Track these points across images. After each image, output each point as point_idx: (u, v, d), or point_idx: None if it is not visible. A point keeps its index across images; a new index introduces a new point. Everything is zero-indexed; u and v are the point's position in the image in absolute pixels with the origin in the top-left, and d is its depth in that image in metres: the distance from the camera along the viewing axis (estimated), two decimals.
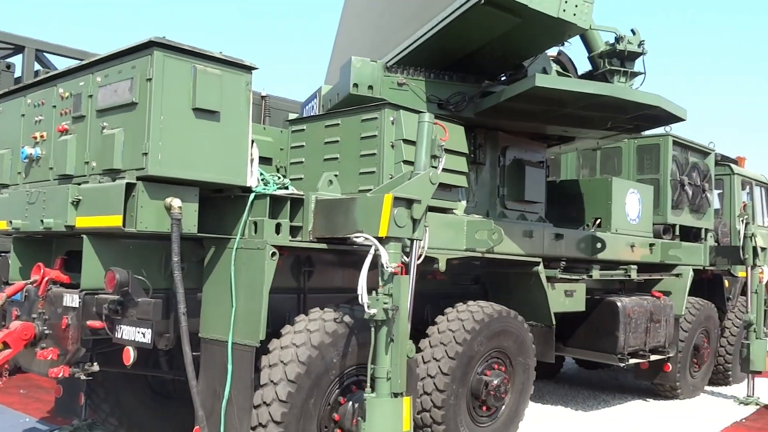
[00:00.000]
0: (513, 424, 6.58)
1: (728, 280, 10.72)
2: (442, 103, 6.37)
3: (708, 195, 10.15)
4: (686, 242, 9.56)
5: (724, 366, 10.58)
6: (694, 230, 10.00)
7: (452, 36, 5.94)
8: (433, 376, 5.84)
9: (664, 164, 9.33)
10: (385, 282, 4.45)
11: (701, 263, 9.79)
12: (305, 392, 4.66)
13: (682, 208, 9.56)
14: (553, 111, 6.49)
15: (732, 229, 11.10)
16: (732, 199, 11.23)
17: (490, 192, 6.95)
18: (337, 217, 4.81)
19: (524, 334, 6.63)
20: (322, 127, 6.12)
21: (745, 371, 9.67)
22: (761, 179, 12.27)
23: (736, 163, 11.64)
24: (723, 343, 10.55)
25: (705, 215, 10.11)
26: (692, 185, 9.73)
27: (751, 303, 9.60)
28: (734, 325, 10.61)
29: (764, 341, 9.65)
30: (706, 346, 9.95)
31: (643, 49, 6.71)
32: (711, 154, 10.36)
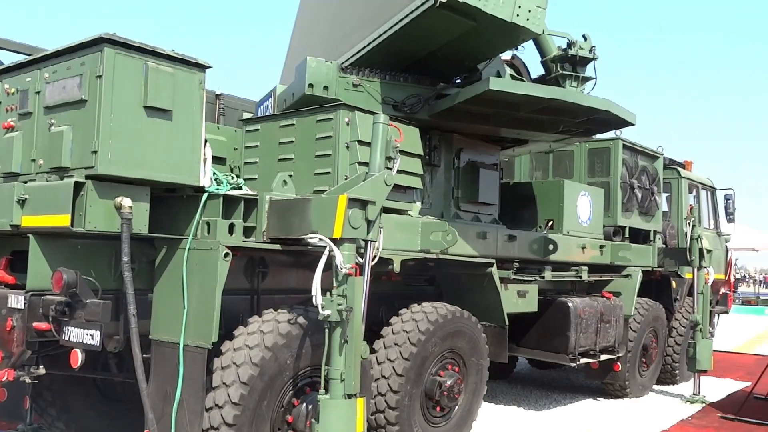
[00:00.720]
0: (466, 424, 6.64)
1: (675, 281, 10.98)
2: (397, 104, 6.39)
3: (656, 198, 10.38)
4: (635, 244, 9.76)
5: (671, 365, 10.84)
6: (642, 232, 10.21)
7: (408, 38, 5.97)
8: (387, 376, 5.85)
9: (615, 168, 9.51)
10: (339, 283, 4.44)
11: (650, 265, 10.02)
12: (258, 394, 4.62)
13: (631, 210, 9.76)
14: (506, 114, 6.57)
15: (679, 232, 11.37)
16: (679, 202, 11.50)
17: (445, 194, 7.00)
18: (291, 218, 4.79)
19: (478, 334, 6.69)
20: (276, 127, 6.09)
21: (692, 370, 9.91)
22: (707, 183, 12.61)
23: (683, 167, 11.94)
24: (670, 343, 10.81)
25: (653, 218, 10.33)
26: (641, 188, 9.94)
27: (697, 303, 9.85)
28: (681, 325, 10.86)
29: (710, 341, 9.91)
30: (654, 345, 10.18)
31: (594, 55, 6.83)
32: (659, 158, 10.60)
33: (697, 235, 9.77)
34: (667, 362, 10.80)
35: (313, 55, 6.22)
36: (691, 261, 9.78)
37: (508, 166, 10.38)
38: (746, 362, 13.65)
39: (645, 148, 10.20)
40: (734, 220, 12.77)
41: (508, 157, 9.82)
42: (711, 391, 10.26)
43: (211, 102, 8.45)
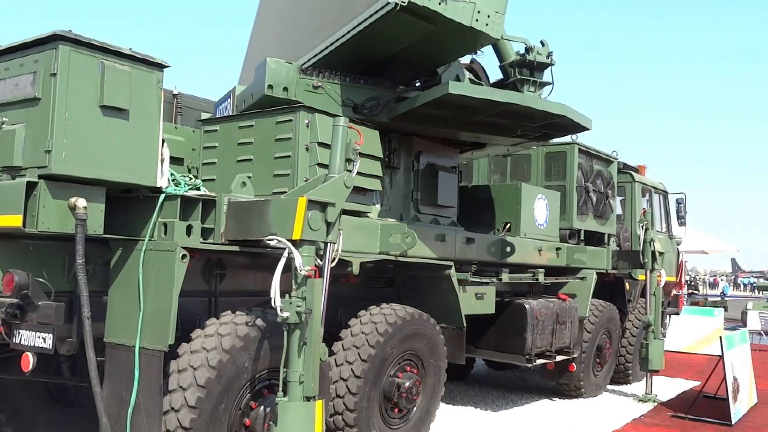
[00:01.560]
0: (424, 425, 6.66)
1: (629, 283, 11.19)
2: (357, 107, 6.40)
3: (611, 201, 10.57)
4: (590, 247, 9.90)
5: (624, 365, 11.04)
6: (597, 235, 10.38)
7: (368, 41, 5.98)
8: (345, 379, 5.84)
9: (571, 171, 9.66)
10: (298, 285, 4.42)
11: (604, 267, 10.18)
12: (215, 397, 4.57)
13: (586, 213, 9.91)
14: (465, 117, 6.62)
15: (633, 235, 11.60)
16: (633, 206, 11.74)
17: (404, 196, 7.03)
18: (250, 220, 4.75)
19: (436, 336, 6.72)
20: (235, 128, 6.03)
21: (644, 370, 10.12)
22: (660, 187, 12.88)
23: (637, 171, 12.17)
24: (624, 344, 11.01)
25: (608, 221, 10.52)
26: (596, 192, 10.11)
27: (649, 305, 10.07)
28: (634, 326, 11.08)
29: (662, 341, 10.14)
30: (608, 346, 10.36)
31: (552, 60, 6.92)
32: (614, 162, 10.80)
33: (649, 238, 9.98)
34: (621, 362, 11.00)
35: (272, 56, 6.18)
36: (644, 263, 9.98)
37: (466, 169, 10.46)
38: (696, 362, 13.96)
39: (600, 153, 10.38)
40: (685, 224, 13.07)
41: (467, 160, 9.91)
42: (663, 391, 10.49)
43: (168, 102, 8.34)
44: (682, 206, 12.93)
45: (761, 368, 13.24)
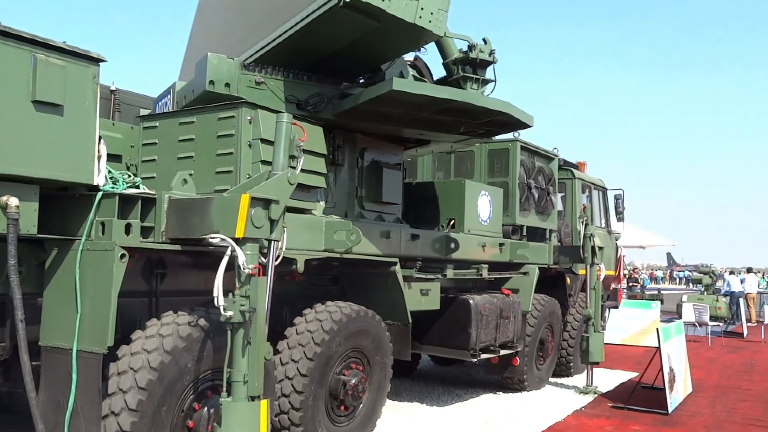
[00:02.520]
0: (371, 422, 6.66)
1: (570, 277, 11.41)
2: (301, 103, 6.34)
3: (552, 197, 10.74)
4: (532, 242, 10.06)
5: (566, 358, 11.24)
6: (539, 231, 10.54)
7: (311, 37, 5.92)
8: (291, 377, 5.79)
9: (513, 168, 9.78)
10: (242, 284, 4.35)
11: (546, 262, 10.35)
12: (157, 400, 4.47)
13: (528, 209, 10.06)
14: (409, 114, 6.63)
15: (573, 230, 11.83)
16: (573, 202, 11.97)
17: (349, 193, 7.01)
18: (191, 218, 4.65)
19: (382, 333, 6.72)
20: (176, 124, 5.91)
21: (585, 362, 10.33)
22: (599, 183, 13.16)
23: (577, 168, 12.42)
24: (565, 337, 11.20)
25: (549, 217, 10.69)
26: (538, 188, 10.26)
27: (590, 299, 10.28)
28: (575, 319, 11.29)
29: (601, 334, 10.36)
30: (550, 340, 10.54)
31: (494, 58, 6.98)
32: (555, 159, 10.98)
33: (589, 234, 10.18)
34: (563, 355, 11.19)
35: (214, 51, 6.07)
36: (584, 258, 10.18)
37: (411, 166, 10.49)
38: (635, 353, 14.33)
39: (541, 150, 10.54)
40: (623, 219, 13.37)
41: (411, 157, 9.92)
42: (603, 382, 10.72)
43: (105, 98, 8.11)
44: (620, 202, 13.21)
45: (695, 358, 13.70)
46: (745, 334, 19.67)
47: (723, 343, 17.64)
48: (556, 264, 10.66)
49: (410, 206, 8.22)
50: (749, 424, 8.33)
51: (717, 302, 21.37)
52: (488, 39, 6.97)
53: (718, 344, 17.42)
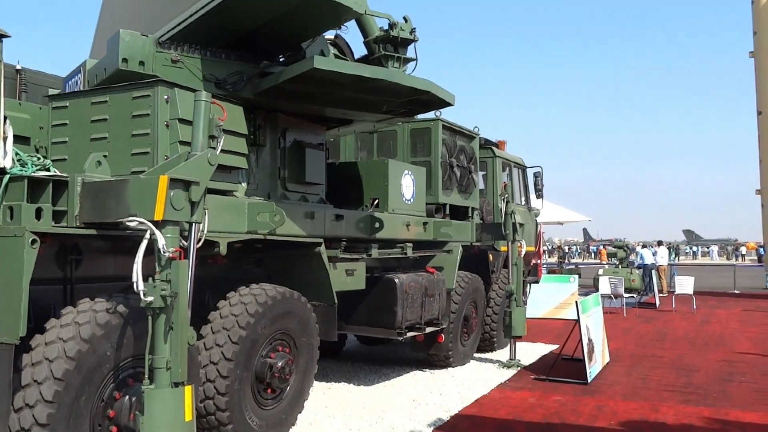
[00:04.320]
0: (298, 404, 6.64)
1: (492, 254, 11.63)
2: (220, 82, 6.19)
3: (474, 176, 10.89)
4: (455, 220, 10.18)
5: (490, 333, 11.47)
6: (462, 209, 10.68)
7: (228, 14, 5.77)
8: (216, 362, 5.70)
9: (435, 147, 9.84)
10: (162, 268, 4.22)
11: (469, 240, 10.50)
12: (75, 390, 4.32)
13: (451, 188, 10.16)
14: (331, 93, 6.57)
15: (494, 208, 12.05)
16: (494, 180, 12.17)
17: (271, 174, 6.91)
18: (107, 201, 4.48)
19: (308, 314, 6.69)
20: (88, 104, 5.67)
21: (508, 337, 10.58)
22: (519, 161, 13.43)
23: (497, 147, 12.62)
24: (488, 313, 11.43)
25: (471, 195, 10.84)
26: (460, 167, 10.37)
27: (511, 274, 10.52)
28: (498, 295, 11.54)
29: (523, 309, 10.62)
30: (474, 316, 10.74)
31: (415, 37, 6.98)
32: (476, 138, 11.11)
33: (510, 211, 10.39)
34: (486, 331, 11.42)
35: (126, 27, 5.84)
36: (506, 235, 10.40)
37: (334, 146, 10.42)
38: (555, 326, 14.78)
39: (463, 129, 10.64)
40: (542, 196, 13.67)
41: (334, 137, 9.86)
42: (525, 356, 11.03)
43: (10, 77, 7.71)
44: (539, 179, 13.48)
45: (612, 329, 14.25)
46: (658, 304, 20.56)
47: (637, 314, 18.40)
48: (478, 241, 10.84)
49: (334, 187, 8.18)
50: (663, 390, 8.72)
51: (631, 275, 22.24)
52: (409, 17, 6.96)
53: (632, 315, 18.15)
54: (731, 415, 7.46)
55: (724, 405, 7.94)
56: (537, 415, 7.39)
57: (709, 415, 7.49)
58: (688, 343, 12.98)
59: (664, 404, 7.94)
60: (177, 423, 4.17)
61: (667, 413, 7.54)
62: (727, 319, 17.22)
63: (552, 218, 24.88)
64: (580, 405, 7.87)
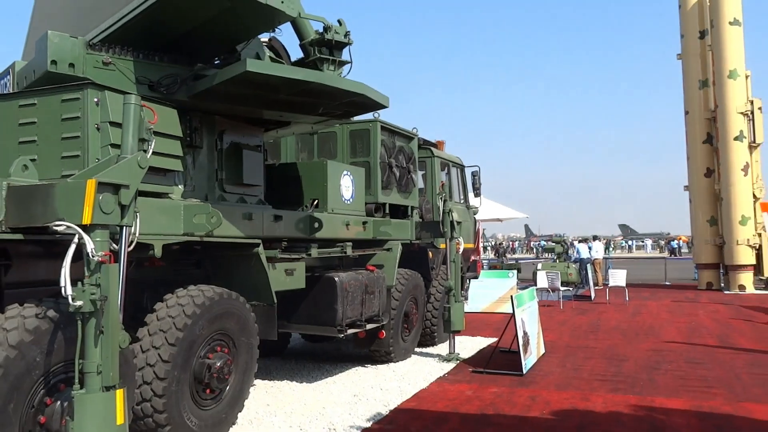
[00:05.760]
0: (238, 403, 6.57)
1: (431, 251, 11.69)
2: (153, 84, 6.08)
3: (413, 176, 10.93)
4: (395, 219, 10.23)
5: (430, 329, 11.54)
6: (401, 208, 10.72)
7: (161, 15, 5.68)
8: (152, 364, 5.59)
9: (374, 148, 9.85)
10: (91, 272, 4.12)
11: (408, 238, 10.56)
12: (3, 397, 4.18)
13: (390, 188, 10.19)
14: (267, 96, 6.52)
15: (433, 206, 12.12)
16: (433, 179, 12.24)
17: (209, 176, 6.82)
18: (34, 205, 4.36)
19: (246, 314, 6.62)
20: (15, 106, 5.50)
21: (447, 331, 10.65)
22: (457, 161, 13.54)
23: (436, 147, 12.70)
24: (429, 308, 11.49)
25: (410, 194, 10.88)
26: (399, 167, 10.40)
27: (450, 271, 10.61)
28: (438, 291, 11.60)
29: (462, 304, 10.72)
30: (414, 312, 10.79)
31: (349, 40, 6.97)
32: (414, 138, 11.15)
33: (448, 209, 10.47)
34: (427, 326, 11.48)
35: (57, 29, 5.68)
36: (444, 233, 10.47)
37: (274, 147, 10.35)
38: (495, 320, 14.95)
39: (401, 130, 10.67)
40: (480, 194, 13.83)
41: (273, 139, 9.79)
42: (464, 349, 11.15)
43: None
44: (477, 178, 13.62)
45: (548, 322, 14.54)
46: (593, 297, 21.02)
47: (573, 306, 18.77)
48: (418, 239, 10.90)
49: (274, 188, 8.12)
50: (594, 379, 8.92)
51: (568, 269, 22.69)
52: (343, 21, 6.96)
53: (568, 307, 18.51)
54: (656, 402, 7.69)
55: (651, 393, 8.16)
56: (473, 407, 7.48)
57: (635, 402, 7.70)
58: (620, 334, 13.30)
59: (594, 393, 8.12)
60: (108, 427, 4.08)
61: (597, 402, 7.72)
62: (658, 310, 17.72)
63: (491, 215, 25.20)
64: (515, 396, 7.99)
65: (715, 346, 11.69)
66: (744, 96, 23.24)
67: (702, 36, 24.63)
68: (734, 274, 23.31)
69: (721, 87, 23.32)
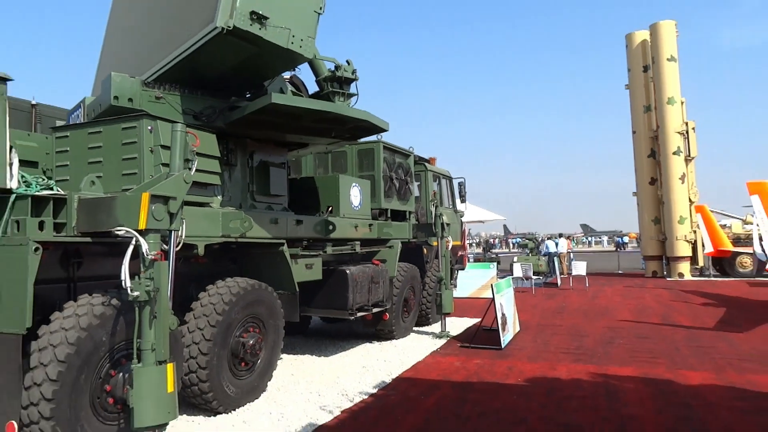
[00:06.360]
0: (267, 373, 6.57)
1: (426, 248, 11.66)
2: (197, 114, 6.11)
3: (410, 186, 10.92)
4: (396, 222, 10.22)
5: (425, 311, 11.52)
6: (401, 213, 10.70)
7: (201, 59, 5.70)
8: (197, 342, 5.62)
9: (378, 164, 9.86)
10: (146, 268, 4.16)
11: (407, 237, 10.55)
12: (76, 370, 4.22)
13: (391, 196, 10.19)
14: (289, 123, 6.53)
15: (427, 211, 12.11)
16: (427, 189, 12.23)
17: (242, 188, 6.84)
18: (100, 214, 4.39)
19: (274, 301, 6.63)
20: (85, 134, 5.54)
21: (439, 313, 10.64)
22: (446, 173, 13.51)
23: (429, 162, 12.69)
24: (424, 295, 11.48)
25: (408, 201, 10.87)
26: (398, 179, 10.41)
27: (441, 264, 10.59)
28: (431, 280, 11.57)
29: (451, 291, 10.70)
30: (412, 298, 10.77)
31: (356, 76, 6.99)
32: (411, 155, 11.15)
33: (439, 213, 10.47)
34: (423, 309, 11.46)
35: (119, 70, 5.72)
36: (436, 233, 10.46)
37: (296, 164, 10.36)
38: (478, 304, 14.90)
39: (400, 149, 10.67)
40: (465, 200, 13.80)
41: (295, 157, 9.81)
42: (454, 328, 11.11)
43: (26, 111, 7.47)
44: (462, 187, 13.61)
45: (522, 305, 14.49)
46: (559, 284, 20.96)
47: (543, 292, 18.70)
48: (414, 238, 10.89)
49: (295, 197, 8.13)
50: (560, 352, 8.89)
51: (539, 261, 22.64)
52: (351, 60, 6.98)
53: (539, 293, 18.44)
54: (611, 371, 7.66)
55: (606, 363, 8.13)
56: (460, 376, 7.47)
57: (594, 370, 7.67)
58: (581, 314, 13.25)
59: (560, 364, 8.10)
60: (161, 394, 4.11)
61: (562, 370, 7.69)
62: (612, 294, 17.65)
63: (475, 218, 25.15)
64: (495, 366, 7.97)
65: (659, 324, 11.64)
66: (680, 118, 23.19)
67: (645, 69, 24.58)
68: (674, 264, 23.20)
69: (661, 111, 23.28)
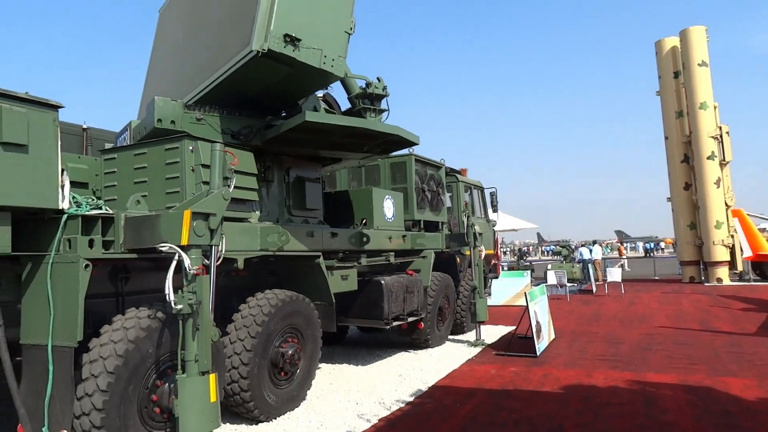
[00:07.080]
0: (306, 382, 6.60)
1: (459, 258, 11.58)
2: (235, 134, 6.22)
3: (442, 197, 10.90)
4: (429, 232, 10.19)
5: (459, 320, 11.40)
6: (433, 223, 10.67)
7: (239, 81, 5.81)
8: (238, 353, 5.68)
9: (410, 177, 9.87)
10: (189, 282, 4.24)
11: (440, 247, 10.49)
12: (124, 381, 4.31)
13: (424, 207, 10.18)
14: (322, 139, 6.59)
15: (459, 221, 12.03)
16: (458, 200, 12.17)
17: (279, 203, 6.92)
18: (144, 231, 4.49)
19: (311, 312, 6.67)
20: (131, 155, 5.70)
21: (474, 322, 10.54)
22: (478, 184, 13.43)
23: (460, 173, 12.64)
24: (458, 303, 11.36)
25: (441, 212, 10.84)
26: (430, 191, 10.40)
27: (474, 273, 10.50)
28: (465, 289, 11.47)
29: (485, 299, 10.59)
30: (447, 306, 10.69)
31: (386, 92, 7.03)
32: (442, 167, 11.14)
33: (471, 223, 10.39)
34: (457, 318, 11.34)
35: (163, 94, 5.88)
36: (469, 242, 10.38)
37: (330, 178, 10.44)
38: (512, 312, 14.70)
39: (431, 161, 10.67)
40: (497, 210, 13.69)
41: (330, 172, 9.88)
42: (488, 336, 10.98)
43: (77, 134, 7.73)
44: (494, 197, 13.51)
45: (557, 312, 14.23)
46: (594, 291, 20.52)
47: (578, 299, 18.32)
48: (447, 248, 10.82)
49: (330, 210, 8.19)
50: (596, 359, 8.69)
51: (573, 268, 22.22)
52: (381, 78, 7.02)
53: (574, 300, 18.07)
54: (648, 377, 7.44)
55: (643, 369, 7.91)
56: (496, 384, 7.36)
57: (631, 377, 7.47)
58: (617, 321, 12.94)
59: (596, 370, 7.91)
60: (204, 404, 4.17)
61: (598, 377, 7.51)
62: (649, 301, 17.18)
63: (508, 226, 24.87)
64: (530, 374, 7.84)
65: (697, 330, 11.28)
66: (713, 123, 22.55)
67: (676, 75, 24.03)
68: (712, 269, 22.47)
69: (694, 116, 22.69)
